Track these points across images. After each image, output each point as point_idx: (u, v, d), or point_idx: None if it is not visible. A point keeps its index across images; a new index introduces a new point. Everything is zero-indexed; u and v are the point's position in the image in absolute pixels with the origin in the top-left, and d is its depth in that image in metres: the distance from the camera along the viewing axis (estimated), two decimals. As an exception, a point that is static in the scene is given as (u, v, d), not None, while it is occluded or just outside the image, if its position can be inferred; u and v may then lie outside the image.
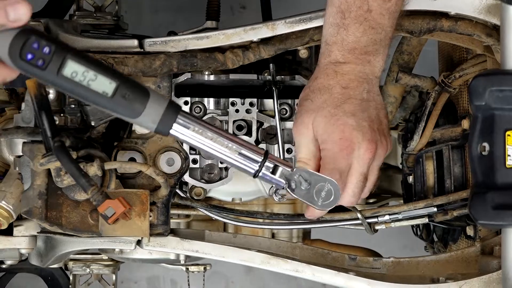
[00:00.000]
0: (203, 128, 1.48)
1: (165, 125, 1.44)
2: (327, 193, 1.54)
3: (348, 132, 1.53)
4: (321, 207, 1.55)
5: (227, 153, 1.50)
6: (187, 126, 1.46)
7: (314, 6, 1.76)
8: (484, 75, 1.56)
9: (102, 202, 1.61)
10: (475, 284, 1.74)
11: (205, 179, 1.88)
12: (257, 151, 1.52)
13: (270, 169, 1.53)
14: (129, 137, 1.79)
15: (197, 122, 1.47)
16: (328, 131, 1.54)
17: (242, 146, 1.51)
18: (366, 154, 1.54)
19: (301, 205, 2.09)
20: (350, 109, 1.54)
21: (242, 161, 1.51)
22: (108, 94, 1.40)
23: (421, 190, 1.94)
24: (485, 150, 1.57)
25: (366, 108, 1.55)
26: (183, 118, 1.46)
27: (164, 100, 1.44)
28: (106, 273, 2.48)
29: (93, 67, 1.38)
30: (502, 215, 1.55)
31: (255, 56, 1.76)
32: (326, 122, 1.54)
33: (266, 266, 1.78)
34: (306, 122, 1.56)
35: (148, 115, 1.42)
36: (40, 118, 1.62)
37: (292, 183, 1.54)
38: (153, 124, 1.43)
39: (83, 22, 2.12)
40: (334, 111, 1.54)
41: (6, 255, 1.88)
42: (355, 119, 1.53)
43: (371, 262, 1.88)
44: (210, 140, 1.49)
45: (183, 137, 1.47)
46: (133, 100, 1.40)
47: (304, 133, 1.57)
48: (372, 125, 1.55)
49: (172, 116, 1.44)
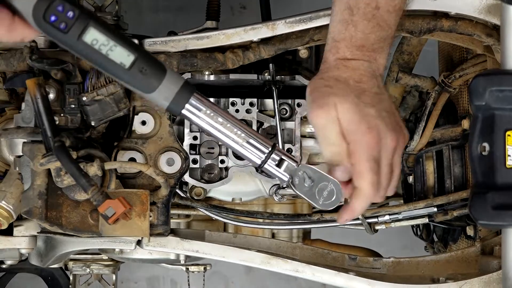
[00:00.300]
0: (215, 113, 1.48)
1: (177, 104, 1.45)
2: (329, 193, 1.54)
3: (373, 122, 1.50)
4: (322, 206, 1.55)
5: (235, 140, 1.50)
6: (199, 108, 1.47)
7: (314, 6, 1.77)
8: (484, 75, 1.56)
9: (102, 202, 1.61)
10: (475, 284, 1.74)
11: (205, 179, 1.88)
12: (265, 142, 1.52)
13: (275, 161, 1.53)
14: (129, 137, 1.79)
15: (210, 106, 1.48)
16: (355, 120, 1.50)
17: (251, 135, 1.51)
18: (392, 143, 1.51)
19: (301, 205, 2.09)
20: (368, 101, 1.51)
21: (249, 149, 1.51)
22: (125, 66, 1.40)
23: (421, 190, 1.94)
24: (485, 150, 1.57)
25: (381, 101, 1.53)
26: (196, 100, 1.46)
27: (180, 79, 1.45)
28: (106, 273, 2.48)
29: (114, 38, 1.39)
30: (502, 215, 1.55)
31: (255, 56, 1.76)
32: (352, 111, 1.49)
33: (266, 266, 1.78)
34: (330, 105, 1.50)
35: (162, 92, 1.43)
36: (40, 118, 1.62)
37: (296, 179, 1.54)
38: (165, 101, 1.44)
39: (83, 22, 2.12)
40: (356, 101, 1.50)
41: (6, 255, 1.88)
42: (375, 110, 1.51)
43: (371, 262, 1.88)
44: (220, 125, 1.49)
45: (194, 118, 1.47)
46: (149, 75, 1.41)
47: (328, 115, 1.50)
48: (389, 115, 1.53)
49: (185, 96, 1.45)
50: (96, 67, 1.42)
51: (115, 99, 1.67)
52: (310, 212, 2.05)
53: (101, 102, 1.67)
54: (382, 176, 1.51)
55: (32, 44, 1.68)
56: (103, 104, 1.67)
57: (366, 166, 1.48)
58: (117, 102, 1.68)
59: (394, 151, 1.52)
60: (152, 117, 1.78)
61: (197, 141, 1.86)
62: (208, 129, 1.49)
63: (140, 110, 1.78)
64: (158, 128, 1.79)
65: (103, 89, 1.66)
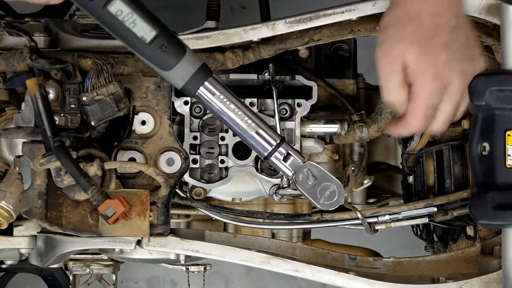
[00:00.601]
0: (228, 99, 1.50)
1: (192, 85, 1.47)
2: (330, 194, 1.54)
3: (440, 68, 1.50)
4: (322, 206, 1.55)
5: (245, 128, 1.52)
6: (213, 93, 1.48)
7: (314, 6, 1.77)
8: (484, 75, 1.56)
9: (102, 202, 1.61)
10: (475, 284, 1.74)
11: (205, 179, 1.88)
12: (274, 134, 1.54)
13: (282, 155, 1.54)
14: (129, 137, 1.79)
15: (224, 91, 1.49)
16: (420, 67, 1.50)
17: (261, 125, 1.52)
18: (458, 87, 1.52)
19: (301, 206, 2.09)
20: (441, 41, 1.50)
21: (258, 140, 1.53)
22: (146, 40, 1.42)
23: (421, 190, 1.94)
24: (485, 150, 1.57)
25: (457, 37, 1.51)
26: (212, 84, 1.48)
27: (198, 61, 1.46)
28: (106, 273, 2.48)
29: (138, 11, 1.42)
30: (502, 215, 1.55)
31: (255, 56, 1.76)
32: (419, 59, 1.49)
33: (266, 266, 1.78)
34: (395, 52, 1.51)
35: (179, 71, 1.44)
36: (40, 118, 1.62)
37: (300, 175, 1.54)
38: (181, 81, 1.46)
39: (83, 22, 2.12)
40: (426, 44, 1.49)
41: (6, 255, 1.88)
42: (447, 52, 1.50)
43: (371, 262, 1.88)
44: (231, 111, 1.50)
45: (207, 102, 1.49)
46: (169, 52, 1.43)
47: (392, 64, 1.52)
48: (464, 54, 1.52)
49: (201, 78, 1.47)
50: (117, 38, 1.43)
51: (115, 99, 1.67)
52: (310, 212, 2.05)
53: (101, 102, 1.67)
54: (441, 115, 1.54)
55: (32, 44, 1.68)
56: (103, 104, 1.67)
57: (419, 113, 1.52)
58: (117, 102, 1.68)
59: (463, 91, 1.53)
60: (152, 117, 1.78)
61: (197, 141, 1.86)
62: (220, 114, 1.51)
63: (140, 110, 1.78)
64: (158, 128, 1.79)
65: (103, 89, 1.66)
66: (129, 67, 1.73)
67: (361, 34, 1.77)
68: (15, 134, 1.69)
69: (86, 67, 1.69)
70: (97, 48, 1.75)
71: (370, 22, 1.76)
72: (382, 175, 2.26)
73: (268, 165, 1.87)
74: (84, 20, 2.14)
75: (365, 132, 1.94)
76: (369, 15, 1.73)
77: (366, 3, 1.71)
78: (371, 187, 2.15)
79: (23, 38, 1.72)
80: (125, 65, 1.73)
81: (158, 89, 1.78)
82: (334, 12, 1.72)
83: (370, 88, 2.15)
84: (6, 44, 1.76)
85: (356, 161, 2.13)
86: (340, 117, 2.00)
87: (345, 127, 1.93)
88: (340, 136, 1.94)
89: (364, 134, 1.94)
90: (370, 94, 2.14)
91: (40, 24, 1.81)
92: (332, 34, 1.77)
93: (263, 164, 1.87)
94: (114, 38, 1.76)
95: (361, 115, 1.97)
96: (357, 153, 2.13)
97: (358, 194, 2.19)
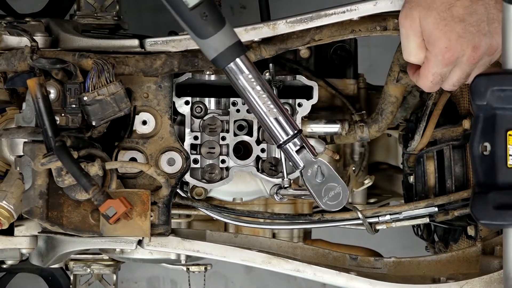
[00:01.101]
0: (256, 80, 1.52)
1: (224, 59, 1.49)
2: (335, 195, 1.55)
3: (453, 40, 1.55)
4: (324, 205, 1.55)
5: (265, 112, 1.54)
6: (242, 71, 1.51)
7: (313, 6, 1.77)
8: (485, 75, 1.56)
9: (103, 202, 1.61)
10: (476, 284, 1.74)
11: (206, 179, 1.88)
12: (293, 124, 1.56)
13: (296, 146, 1.55)
14: (130, 137, 1.79)
15: (253, 72, 1.52)
16: (435, 36, 1.56)
17: (282, 113, 1.54)
18: (470, 60, 1.58)
19: (302, 205, 2.09)
20: (458, 14, 1.55)
21: (276, 126, 1.55)
22: (189, 5, 1.44)
23: (422, 190, 1.94)
24: (486, 150, 1.57)
25: (475, 10, 1.55)
26: (243, 62, 1.51)
27: (235, 36, 1.48)
28: (107, 273, 2.49)
29: None
30: (503, 215, 1.55)
31: (256, 56, 1.76)
32: (434, 27, 1.55)
33: (268, 266, 1.78)
34: (414, 17, 1.57)
35: (214, 42, 1.46)
36: (41, 117, 1.62)
37: (309, 170, 1.55)
38: (214, 52, 1.48)
39: (84, 22, 2.13)
40: (443, 15, 1.55)
41: (7, 255, 1.87)
42: (462, 25, 1.55)
43: (372, 262, 1.88)
44: (256, 93, 1.53)
45: (234, 79, 1.52)
46: (208, 21, 1.45)
47: (411, 26, 1.58)
48: (480, 29, 1.56)
49: (234, 54, 1.49)
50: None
51: (116, 99, 1.67)
52: (311, 212, 2.05)
53: (102, 102, 1.67)
54: (450, 80, 1.63)
55: (33, 44, 1.68)
56: (104, 104, 1.67)
57: (429, 77, 1.61)
58: (118, 102, 1.67)
59: (474, 64, 1.59)
60: (153, 117, 1.78)
61: (198, 141, 1.86)
62: (244, 93, 1.53)
63: (141, 110, 1.78)
64: (159, 128, 1.79)
65: (104, 88, 1.66)
66: (130, 67, 1.73)
67: (362, 34, 1.77)
68: (16, 134, 1.69)
69: (87, 67, 1.69)
70: (98, 48, 1.75)
71: (371, 22, 1.76)
72: (383, 175, 2.26)
73: (269, 165, 1.87)
74: (84, 20, 2.14)
75: (366, 132, 1.94)
76: (370, 15, 1.73)
77: (367, 3, 1.71)
78: (371, 187, 2.15)
79: (24, 38, 1.72)
80: (126, 65, 1.73)
81: (159, 89, 1.78)
82: (335, 12, 1.72)
83: (371, 88, 2.16)
84: (7, 44, 1.76)
85: (357, 161, 2.13)
86: (341, 117, 2.00)
87: (346, 127, 1.93)
88: (341, 136, 1.95)
89: (365, 134, 1.94)
90: (370, 94, 2.14)
91: (41, 24, 1.81)
92: (333, 34, 1.77)
93: (264, 164, 1.87)
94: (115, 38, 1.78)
95: (362, 115, 1.98)
96: (358, 153, 2.13)
97: (358, 194, 2.19)
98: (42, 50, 1.71)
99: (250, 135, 1.87)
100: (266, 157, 1.87)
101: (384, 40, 2.07)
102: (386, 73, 1.90)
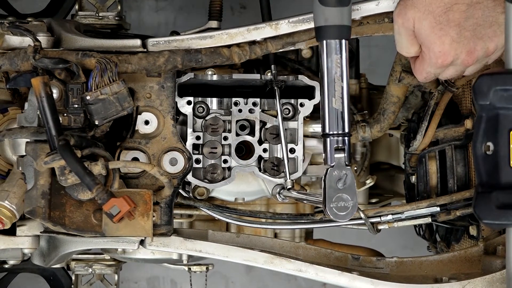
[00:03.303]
0: (341, 69, 1.57)
1: (329, 33, 1.56)
2: (344, 207, 1.57)
3: (447, 45, 1.57)
4: (328, 210, 1.56)
5: (331, 100, 1.58)
6: (337, 52, 1.56)
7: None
8: (488, 75, 1.56)
9: (107, 201, 1.61)
10: (478, 284, 1.75)
11: (208, 179, 1.88)
12: (349, 126, 1.59)
13: (337, 144, 1.57)
14: (132, 137, 1.79)
15: (343, 61, 1.57)
16: (430, 39, 1.58)
17: (346, 110, 1.58)
18: (464, 63, 1.60)
19: (303, 205, 2.09)
20: (454, 18, 1.56)
21: (333, 117, 1.59)
22: None
23: (424, 190, 1.94)
24: (489, 150, 1.57)
25: (472, 14, 1.56)
26: (342, 46, 1.56)
27: (349, 21, 1.56)
28: (108, 273, 2.49)
29: None
30: (507, 214, 1.55)
31: (262, 51, 1.76)
32: (430, 31, 1.57)
33: (270, 265, 1.78)
34: (408, 17, 1.59)
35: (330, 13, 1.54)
36: (45, 116, 1.62)
37: (335, 172, 1.56)
38: (323, 22, 1.55)
39: (86, 22, 2.12)
40: (439, 19, 1.56)
41: (9, 255, 1.87)
42: (457, 30, 1.56)
43: (374, 262, 1.88)
44: (336, 78, 1.57)
45: (325, 55, 1.57)
46: None
47: (403, 24, 1.61)
48: (475, 33, 1.56)
49: (340, 35, 1.56)
50: None
51: (119, 98, 1.67)
52: (313, 212, 2.05)
53: (104, 101, 1.66)
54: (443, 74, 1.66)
55: (36, 43, 1.68)
56: (107, 103, 1.67)
57: (422, 73, 1.65)
58: (121, 101, 1.67)
59: (467, 67, 1.62)
60: (155, 117, 1.78)
61: (200, 141, 1.86)
62: (324, 72, 1.57)
63: (144, 110, 1.78)
64: (161, 128, 1.79)
65: (107, 88, 1.66)
66: (133, 65, 1.72)
67: (364, 34, 1.77)
68: (18, 134, 1.69)
69: (90, 66, 1.68)
70: (100, 48, 1.75)
71: (373, 22, 1.76)
72: (385, 175, 2.26)
73: (271, 165, 1.87)
74: (86, 20, 2.14)
75: (368, 132, 1.94)
76: (372, 15, 1.73)
77: (369, 3, 1.71)
78: (373, 187, 2.15)
79: (26, 38, 1.72)
80: (129, 63, 1.72)
81: (162, 89, 1.78)
82: (337, 11, 1.72)
83: (373, 88, 2.16)
84: (9, 44, 1.75)
85: (359, 161, 2.13)
86: (343, 117, 2.00)
87: (348, 127, 1.93)
88: (343, 136, 1.94)
89: (367, 134, 1.95)
90: (372, 94, 2.14)
91: (43, 24, 1.81)
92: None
93: (266, 164, 1.87)
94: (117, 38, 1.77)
95: (364, 115, 1.98)
96: (360, 153, 2.13)
97: (360, 194, 2.19)
98: (45, 50, 1.71)
99: (252, 135, 1.87)
100: (268, 157, 1.87)
101: (384, 40, 2.08)
102: (386, 73, 1.90)
